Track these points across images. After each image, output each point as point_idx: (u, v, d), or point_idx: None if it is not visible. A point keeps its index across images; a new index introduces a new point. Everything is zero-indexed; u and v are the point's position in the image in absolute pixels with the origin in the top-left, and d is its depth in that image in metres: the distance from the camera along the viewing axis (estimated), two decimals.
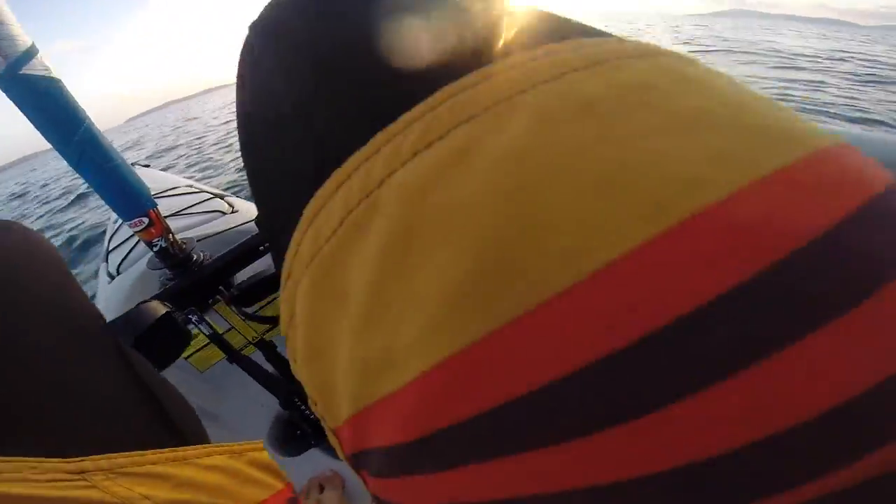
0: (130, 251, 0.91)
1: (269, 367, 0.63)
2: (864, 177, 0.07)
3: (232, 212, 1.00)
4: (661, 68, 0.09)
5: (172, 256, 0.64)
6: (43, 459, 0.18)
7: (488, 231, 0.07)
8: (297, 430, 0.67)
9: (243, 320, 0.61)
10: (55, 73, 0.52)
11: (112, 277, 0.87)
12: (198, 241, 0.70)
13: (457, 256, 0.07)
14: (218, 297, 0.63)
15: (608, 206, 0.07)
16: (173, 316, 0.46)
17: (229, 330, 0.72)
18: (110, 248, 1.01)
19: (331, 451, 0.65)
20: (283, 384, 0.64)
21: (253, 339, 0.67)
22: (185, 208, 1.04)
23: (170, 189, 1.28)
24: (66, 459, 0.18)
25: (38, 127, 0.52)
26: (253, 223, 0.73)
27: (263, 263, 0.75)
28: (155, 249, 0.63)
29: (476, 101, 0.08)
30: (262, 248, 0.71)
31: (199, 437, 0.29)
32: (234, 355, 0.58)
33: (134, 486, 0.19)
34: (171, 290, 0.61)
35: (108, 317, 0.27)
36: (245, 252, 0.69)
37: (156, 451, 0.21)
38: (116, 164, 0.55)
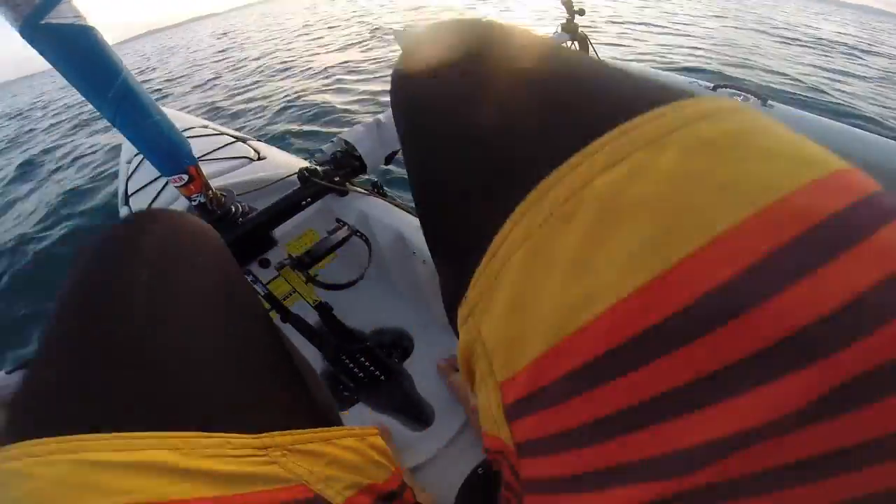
0: (157, 196, 0.89)
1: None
2: (861, 185, 0.12)
3: (259, 158, 0.97)
4: (747, 120, 0.14)
5: (211, 212, 0.64)
6: (235, 435, 0.20)
7: (666, 211, 0.12)
8: (341, 385, 0.71)
9: (307, 284, 0.64)
10: (88, 22, 0.47)
11: None
12: (237, 195, 0.69)
13: (646, 224, 0.12)
14: (285, 262, 0.64)
15: (731, 198, 0.12)
16: None
17: (275, 278, 0.74)
18: (130, 192, 0.99)
19: (375, 405, 0.69)
20: (331, 339, 0.67)
21: (314, 303, 0.69)
22: (209, 152, 1.01)
23: (186, 129, 1.24)
24: (253, 435, 0.20)
25: (69, 80, 0.49)
26: (295, 177, 0.72)
27: (301, 217, 0.75)
28: (194, 204, 0.63)
29: (643, 138, 0.13)
30: (304, 202, 0.71)
31: (332, 413, 0.31)
32: (286, 314, 0.61)
33: (301, 463, 0.21)
34: None
35: None
36: (289, 207, 0.69)
37: (312, 430, 0.23)
38: (155, 119, 0.52)
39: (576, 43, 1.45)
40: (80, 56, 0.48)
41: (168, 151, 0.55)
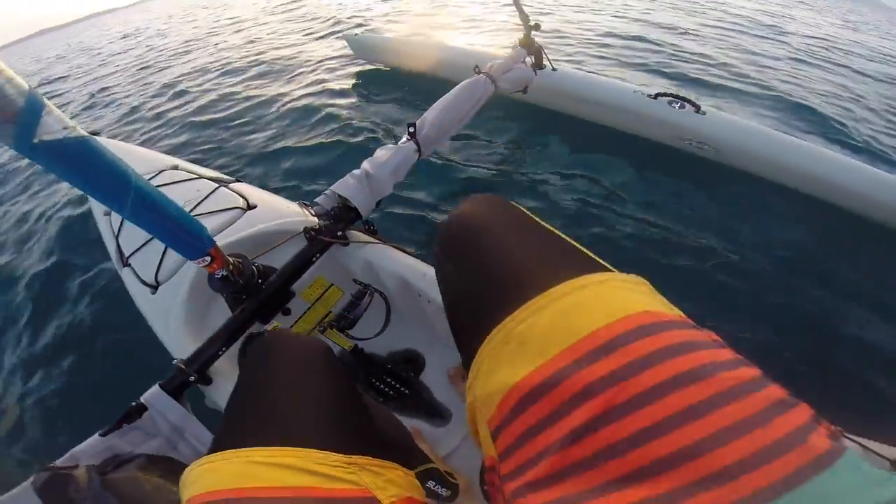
0: (162, 259, 0.89)
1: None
2: (638, 321, 0.26)
3: (249, 206, 0.97)
4: (584, 294, 0.28)
5: (234, 283, 0.67)
6: (332, 453, 0.33)
7: (543, 342, 0.27)
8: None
9: (346, 338, 0.85)
10: (81, 130, 0.46)
11: (153, 288, 0.87)
12: (253, 260, 0.74)
13: (535, 348, 0.28)
14: (325, 325, 0.81)
15: (566, 335, 0.27)
16: None
17: (297, 322, 0.88)
18: (127, 253, 0.97)
19: (403, 412, 0.84)
20: (363, 368, 0.86)
21: (349, 348, 0.87)
22: (196, 205, 1.00)
23: (156, 174, 1.20)
24: (342, 455, 0.34)
25: (85, 192, 0.50)
26: (298, 231, 0.84)
27: (311, 267, 0.82)
28: (217, 277, 0.66)
29: (536, 307, 0.29)
30: (314, 258, 0.78)
31: (399, 435, 0.54)
32: None
33: (368, 476, 0.34)
34: (249, 310, 0.71)
35: (169, 331, 0.37)
36: (302, 264, 0.78)
37: (377, 459, 0.36)
38: (174, 213, 0.55)
39: (532, 57, 1.53)
40: (86, 169, 0.46)
41: (189, 241, 0.58)
